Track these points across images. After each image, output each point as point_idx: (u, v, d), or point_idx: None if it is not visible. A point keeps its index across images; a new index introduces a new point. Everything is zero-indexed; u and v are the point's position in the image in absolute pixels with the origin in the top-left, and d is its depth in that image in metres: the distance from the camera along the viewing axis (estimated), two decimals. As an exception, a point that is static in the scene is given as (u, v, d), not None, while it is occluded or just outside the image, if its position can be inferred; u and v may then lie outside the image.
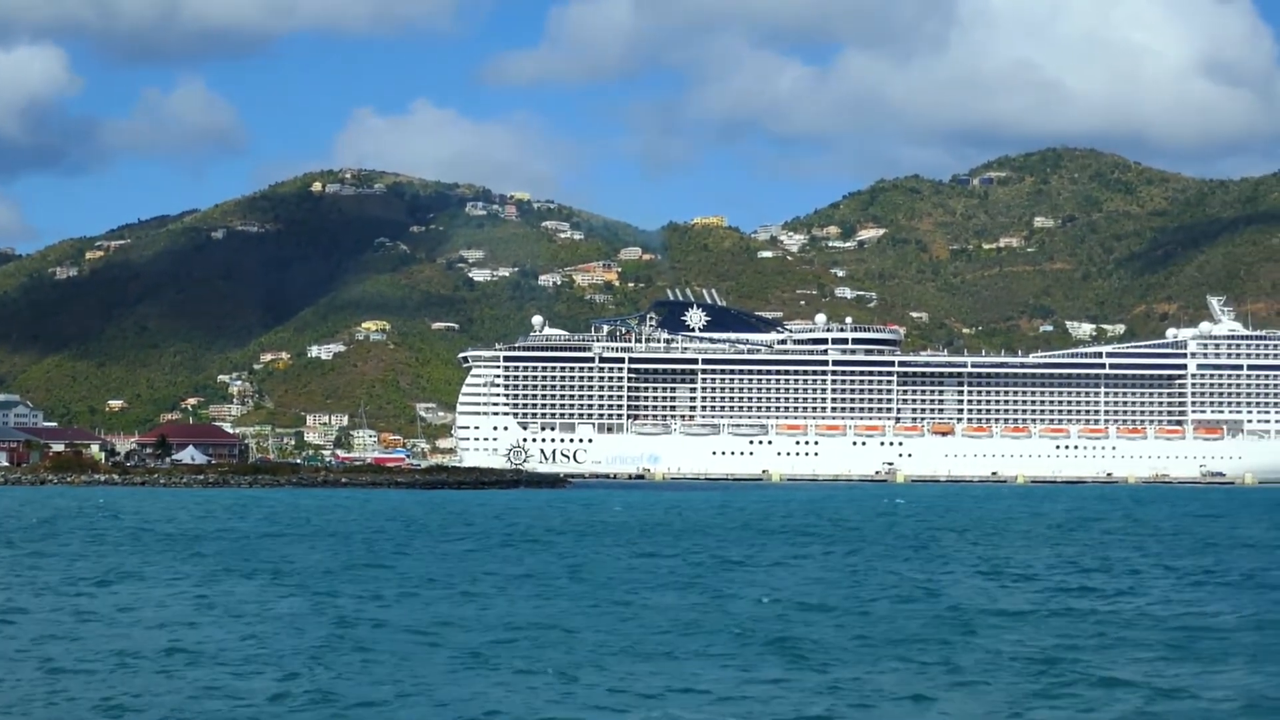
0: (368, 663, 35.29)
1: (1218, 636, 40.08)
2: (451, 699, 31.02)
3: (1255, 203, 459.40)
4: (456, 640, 38.65)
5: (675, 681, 32.70)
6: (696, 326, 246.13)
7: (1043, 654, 36.72)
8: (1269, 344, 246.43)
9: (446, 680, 33.01)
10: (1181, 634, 40.47)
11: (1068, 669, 34.70)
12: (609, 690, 31.83)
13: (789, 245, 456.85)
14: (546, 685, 32.45)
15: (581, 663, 35.02)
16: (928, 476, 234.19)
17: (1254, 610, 46.02)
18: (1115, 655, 36.75)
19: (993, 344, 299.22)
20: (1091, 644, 38.85)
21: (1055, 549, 74.95)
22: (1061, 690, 32.45)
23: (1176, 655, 36.88)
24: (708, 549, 73.12)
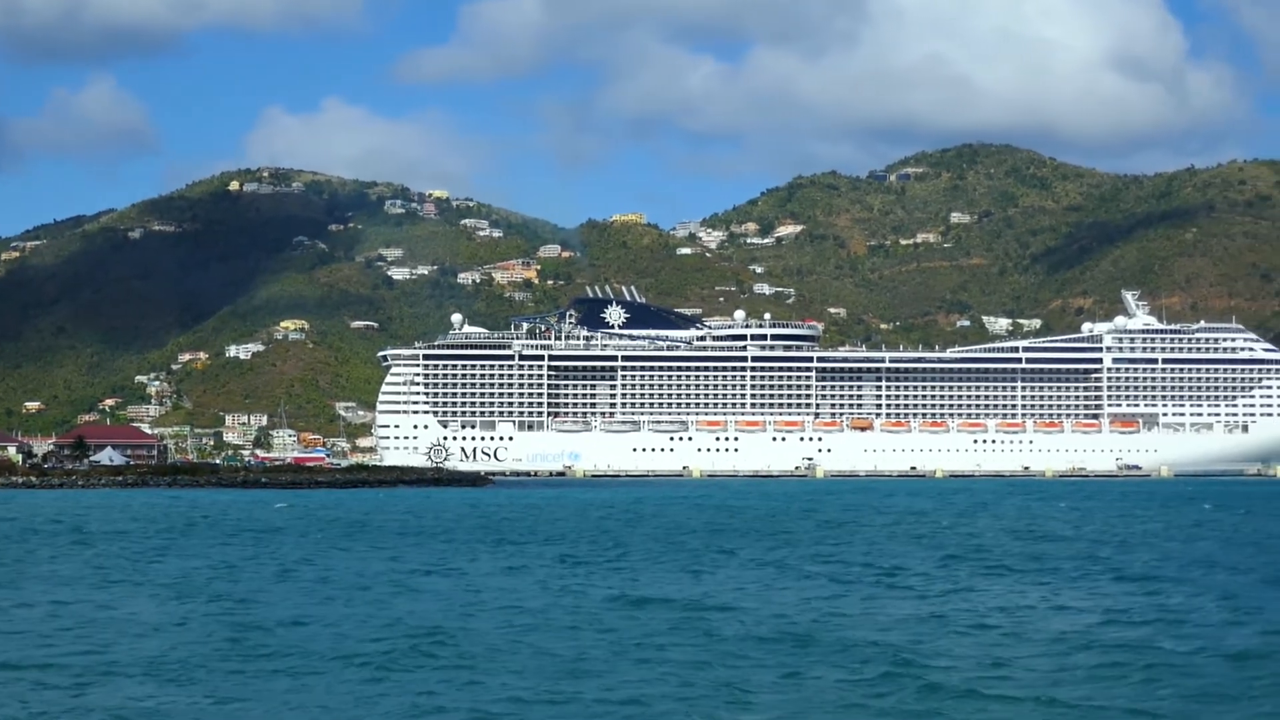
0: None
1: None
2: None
3: (1169, 198, 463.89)
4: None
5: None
6: (616, 324, 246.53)
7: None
8: (1183, 338, 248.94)
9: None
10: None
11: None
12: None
13: (708, 242, 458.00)
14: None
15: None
16: (847, 472, 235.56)
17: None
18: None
19: (910, 339, 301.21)
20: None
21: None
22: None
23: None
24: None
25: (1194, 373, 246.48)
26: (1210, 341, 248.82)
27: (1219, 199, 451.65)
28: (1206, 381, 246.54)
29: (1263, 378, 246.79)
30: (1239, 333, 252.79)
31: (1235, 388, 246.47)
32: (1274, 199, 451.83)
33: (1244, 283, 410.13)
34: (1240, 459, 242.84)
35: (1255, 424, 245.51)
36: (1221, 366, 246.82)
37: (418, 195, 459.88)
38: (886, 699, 31.38)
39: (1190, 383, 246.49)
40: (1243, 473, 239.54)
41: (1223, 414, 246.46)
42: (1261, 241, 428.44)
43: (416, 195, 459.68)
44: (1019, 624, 42.37)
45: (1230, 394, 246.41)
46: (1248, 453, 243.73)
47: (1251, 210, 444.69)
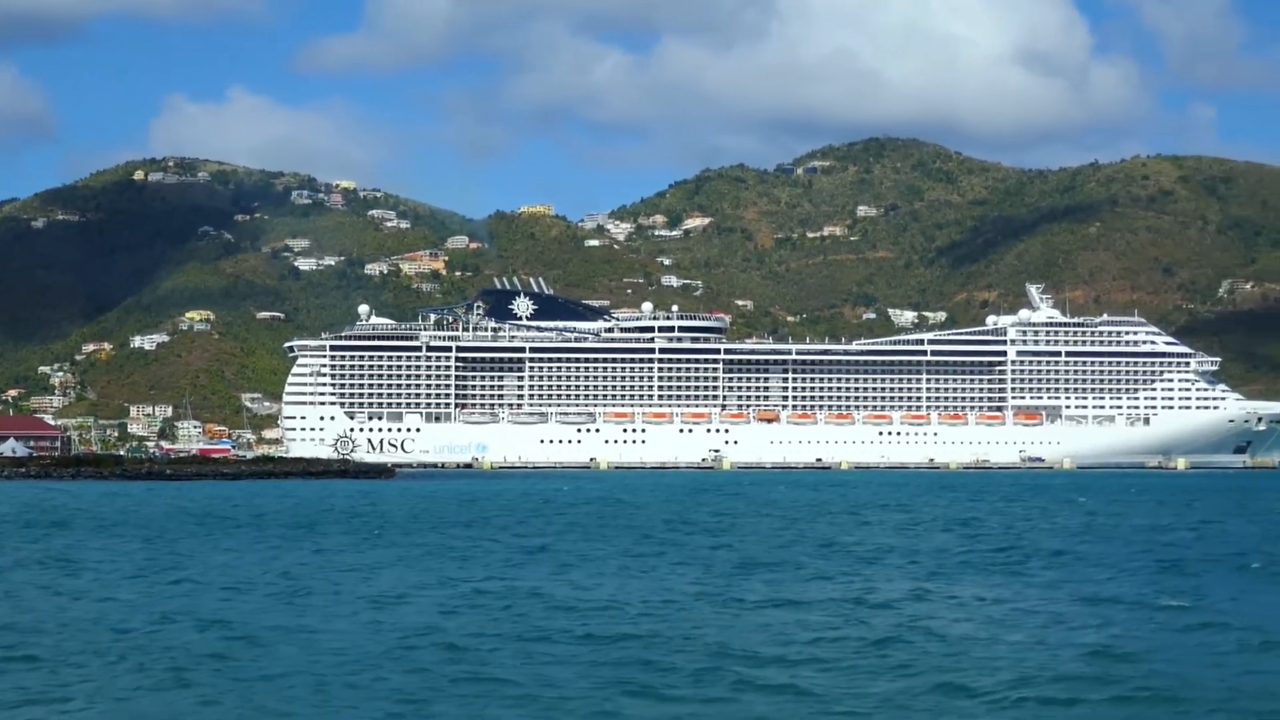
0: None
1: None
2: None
3: (1073, 192, 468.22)
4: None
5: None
6: (524, 315, 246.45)
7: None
8: (1086, 331, 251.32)
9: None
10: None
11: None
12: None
13: (616, 234, 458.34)
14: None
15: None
16: (753, 464, 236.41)
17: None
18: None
19: (817, 332, 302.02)
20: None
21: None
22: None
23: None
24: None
25: (1097, 366, 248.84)
26: (1113, 335, 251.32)
27: (1122, 194, 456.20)
28: (1109, 374, 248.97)
29: (1164, 371, 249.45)
30: (1141, 326, 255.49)
31: (1137, 381, 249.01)
32: (1176, 194, 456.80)
33: (1146, 277, 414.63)
34: (1142, 451, 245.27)
35: (1157, 416, 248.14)
36: (1124, 360, 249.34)
37: (324, 185, 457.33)
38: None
39: (1093, 376, 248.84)
40: (1144, 465, 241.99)
41: (1125, 407, 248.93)
42: (1163, 236, 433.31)
43: (323, 185, 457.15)
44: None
45: (1132, 387, 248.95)
46: (1149, 445, 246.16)
47: (1154, 205, 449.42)
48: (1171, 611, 43.34)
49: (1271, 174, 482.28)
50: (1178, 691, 31.05)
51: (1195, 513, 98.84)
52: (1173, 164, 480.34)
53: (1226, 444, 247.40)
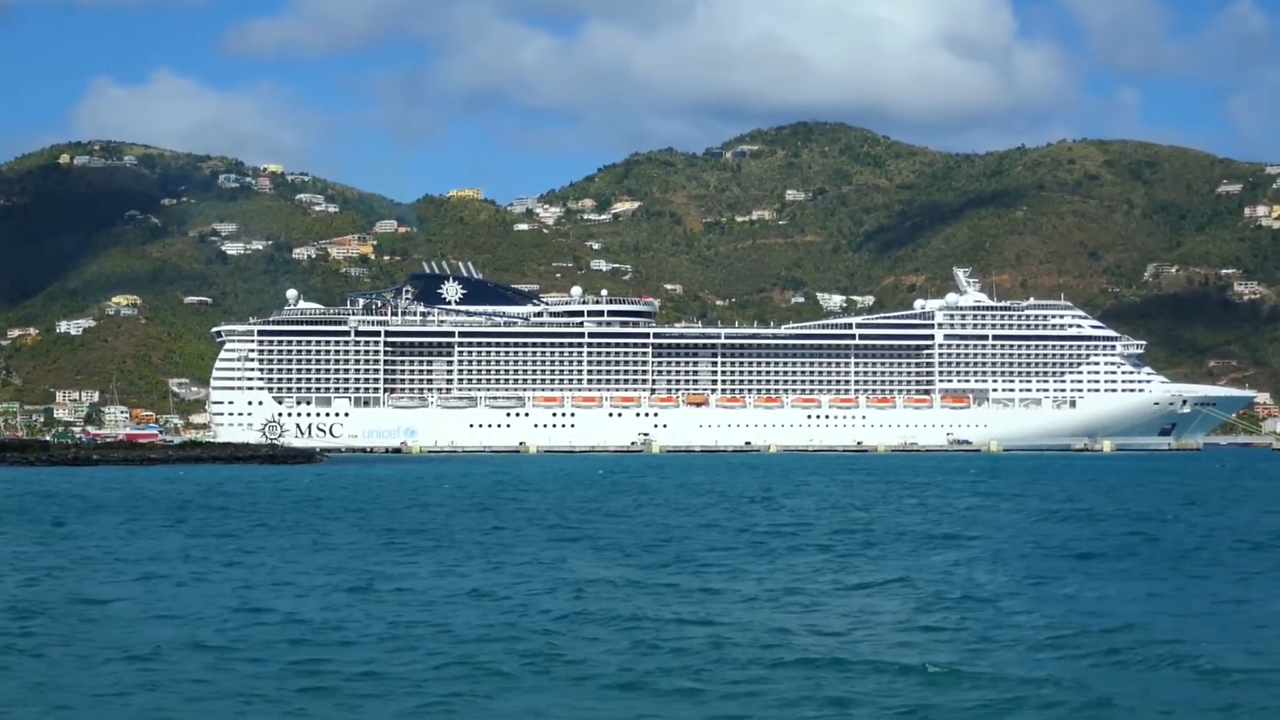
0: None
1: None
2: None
3: (1000, 177, 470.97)
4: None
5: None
6: (453, 299, 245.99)
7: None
8: (1013, 315, 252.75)
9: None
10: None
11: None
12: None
13: (545, 218, 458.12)
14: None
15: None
16: (682, 447, 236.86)
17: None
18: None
19: (745, 316, 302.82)
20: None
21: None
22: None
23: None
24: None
25: (1023, 349, 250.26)
26: (1039, 318, 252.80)
27: (1048, 178, 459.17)
28: (1035, 358, 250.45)
29: (1090, 354, 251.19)
30: (1067, 310, 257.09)
31: (1063, 364, 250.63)
32: (1102, 178, 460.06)
33: (1072, 261, 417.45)
34: (1068, 434, 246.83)
35: (1083, 399, 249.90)
36: (1050, 343, 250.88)
37: (252, 170, 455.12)
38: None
39: (1019, 359, 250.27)
40: (1070, 447, 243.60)
41: (1051, 390, 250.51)
42: (1089, 220, 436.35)
43: (251, 170, 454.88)
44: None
45: (1058, 370, 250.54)
46: (1075, 428, 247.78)
47: (1080, 189, 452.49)
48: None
49: (1196, 158, 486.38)
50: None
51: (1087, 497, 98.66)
52: (1098, 148, 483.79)
53: (1152, 426, 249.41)
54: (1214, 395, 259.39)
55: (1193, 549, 57.28)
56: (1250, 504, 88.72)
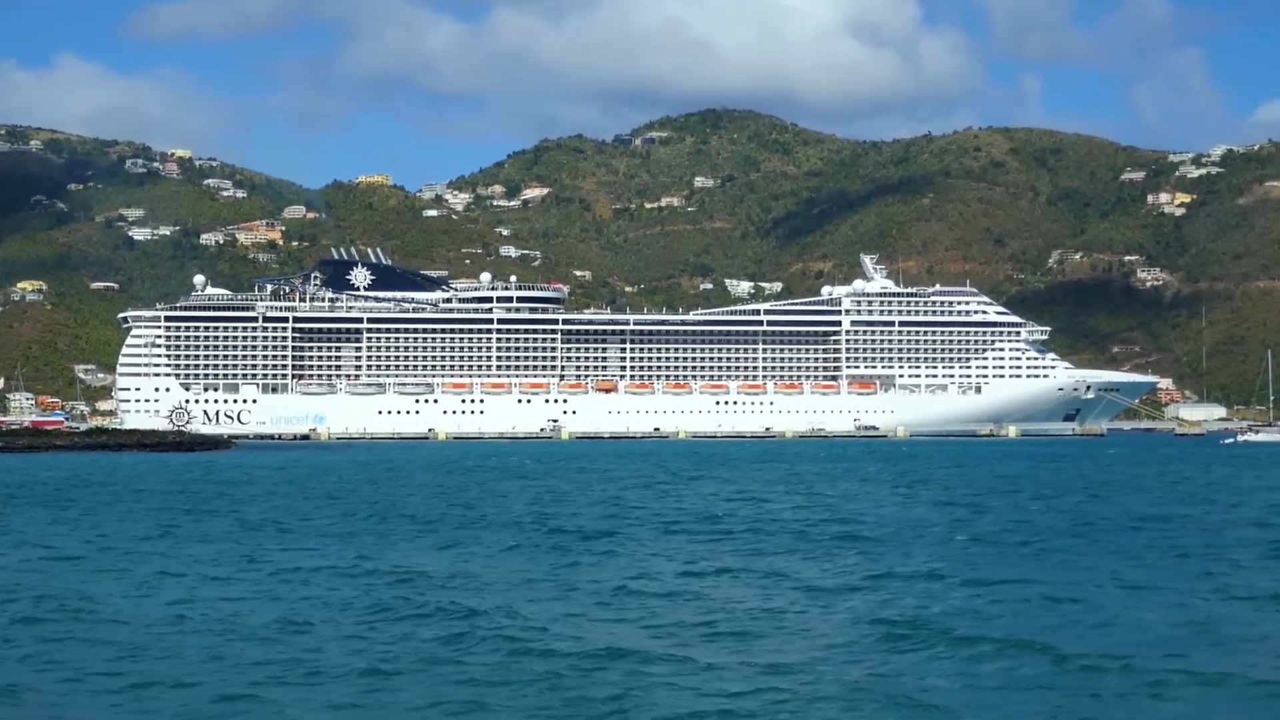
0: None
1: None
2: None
3: (907, 164, 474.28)
4: None
5: None
6: (362, 285, 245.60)
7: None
8: (919, 301, 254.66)
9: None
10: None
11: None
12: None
13: (454, 204, 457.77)
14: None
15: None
16: (591, 433, 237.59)
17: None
18: None
19: (654, 302, 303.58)
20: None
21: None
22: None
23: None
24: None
25: (929, 335, 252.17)
26: (945, 305, 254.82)
27: (954, 165, 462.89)
28: (941, 344, 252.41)
29: (995, 340, 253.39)
30: (973, 296, 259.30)
31: (969, 350, 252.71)
32: (1007, 165, 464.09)
33: (978, 247, 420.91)
34: (974, 419, 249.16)
35: (988, 385, 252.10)
36: (956, 329, 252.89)
37: (159, 154, 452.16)
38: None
39: (926, 345, 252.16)
40: (976, 433, 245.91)
41: (957, 376, 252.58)
42: (995, 207, 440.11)
43: (158, 155, 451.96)
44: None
45: (964, 356, 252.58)
46: (981, 413, 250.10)
47: (985, 176, 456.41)
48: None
49: (1100, 146, 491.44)
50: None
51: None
52: (1004, 136, 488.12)
53: (1056, 412, 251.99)
54: (1117, 381, 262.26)
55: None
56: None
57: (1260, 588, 39.65)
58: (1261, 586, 39.91)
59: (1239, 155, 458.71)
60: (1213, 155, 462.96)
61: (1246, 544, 51.62)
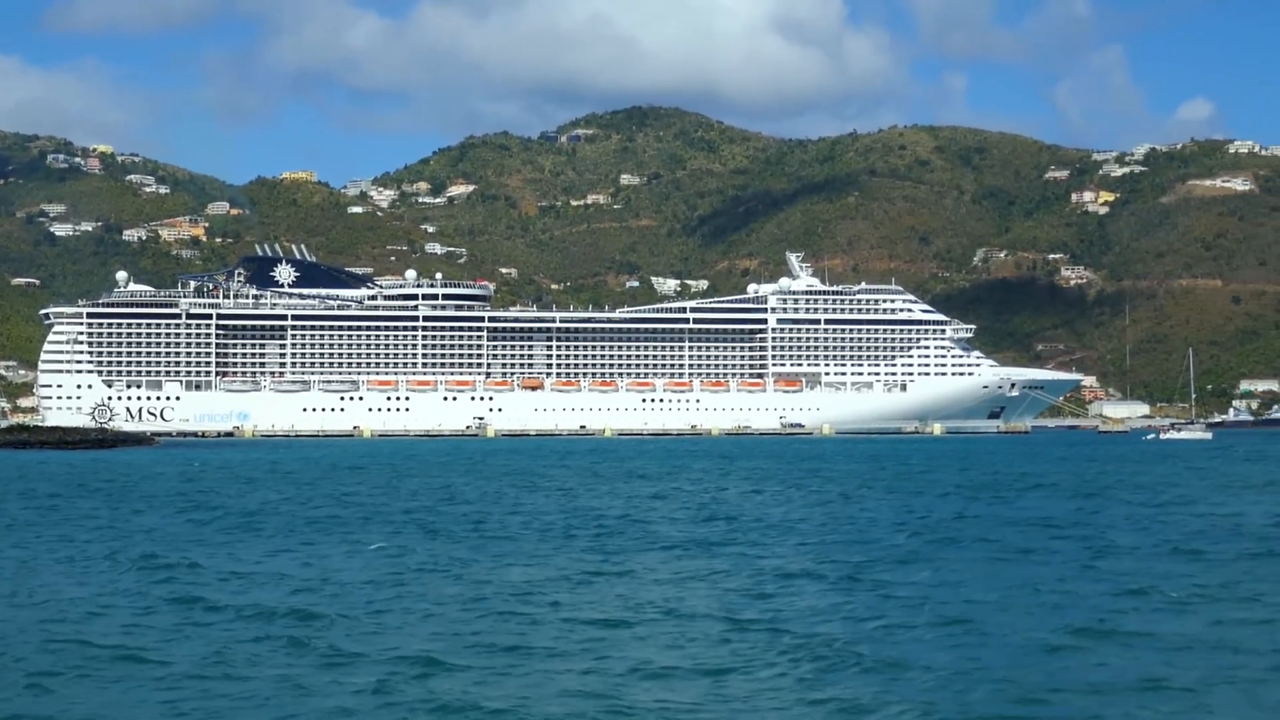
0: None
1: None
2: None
3: (832, 162, 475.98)
4: None
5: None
6: (286, 282, 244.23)
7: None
8: (844, 299, 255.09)
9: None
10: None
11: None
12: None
13: (379, 201, 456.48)
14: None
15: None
16: (518, 431, 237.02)
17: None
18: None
19: (580, 300, 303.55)
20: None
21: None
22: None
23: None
24: None
25: (855, 333, 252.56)
26: (870, 303, 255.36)
27: (880, 164, 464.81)
28: (867, 342, 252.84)
29: (920, 338, 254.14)
30: (898, 294, 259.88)
31: (894, 348, 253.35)
32: (932, 164, 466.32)
33: (903, 245, 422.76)
34: (899, 417, 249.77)
35: (913, 383, 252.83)
36: (881, 327, 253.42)
37: (81, 150, 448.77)
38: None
39: (851, 343, 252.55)
40: (901, 430, 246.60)
41: (882, 373, 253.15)
42: (920, 205, 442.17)
43: (80, 150, 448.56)
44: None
45: (890, 354, 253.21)
46: (906, 411, 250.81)
47: (910, 175, 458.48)
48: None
49: (1024, 144, 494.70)
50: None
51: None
52: (929, 134, 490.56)
53: (981, 409, 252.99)
54: (1041, 379, 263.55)
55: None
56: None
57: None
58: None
59: (1162, 154, 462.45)
60: (1136, 154, 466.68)
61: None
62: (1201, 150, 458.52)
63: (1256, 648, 30.47)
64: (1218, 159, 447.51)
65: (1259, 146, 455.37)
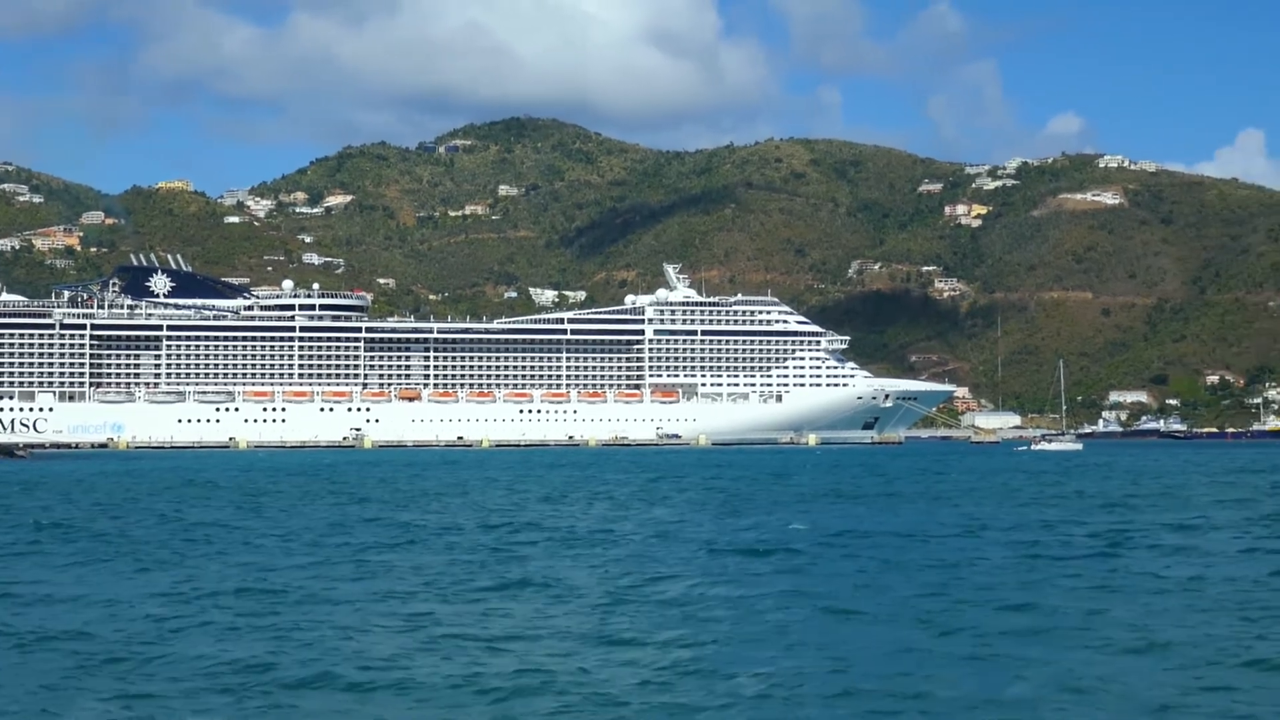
0: None
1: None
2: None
3: (709, 175, 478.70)
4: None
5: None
6: (162, 292, 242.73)
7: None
8: (721, 310, 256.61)
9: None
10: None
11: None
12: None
13: (256, 210, 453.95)
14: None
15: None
16: (394, 442, 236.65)
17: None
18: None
19: (458, 310, 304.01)
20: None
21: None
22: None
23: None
24: None
25: (731, 344, 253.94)
26: (747, 314, 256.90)
27: (756, 176, 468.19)
28: (743, 353, 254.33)
29: (796, 349, 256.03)
30: (774, 305, 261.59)
31: (770, 359, 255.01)
32: (808, 177, 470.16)
33: (779, 257, 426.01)
34: (775, 428, 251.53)
35: (789, 394, 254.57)
36: (757, 338, 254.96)
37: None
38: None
39: (728, 354, 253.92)
40: (776, 441, 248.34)
41: (758, 384, 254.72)
42: (795, 218, 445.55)
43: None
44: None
45: (765, 365, 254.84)
46: (781, 422, 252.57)
47: (786, 188, 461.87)
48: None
49: (898, 158, 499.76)
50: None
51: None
52: (804, 147, 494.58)
53: (856, 420, 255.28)
54: (915, 390, 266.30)
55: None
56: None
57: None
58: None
59: (1033, 168, 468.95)
60: (1008, 168, 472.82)
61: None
62: (1072, 164, 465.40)
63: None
64: (1088, 173, 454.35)
65: (1128, 161, 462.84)
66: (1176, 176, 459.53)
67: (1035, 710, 26.37)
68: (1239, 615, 36.07)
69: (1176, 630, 33.62)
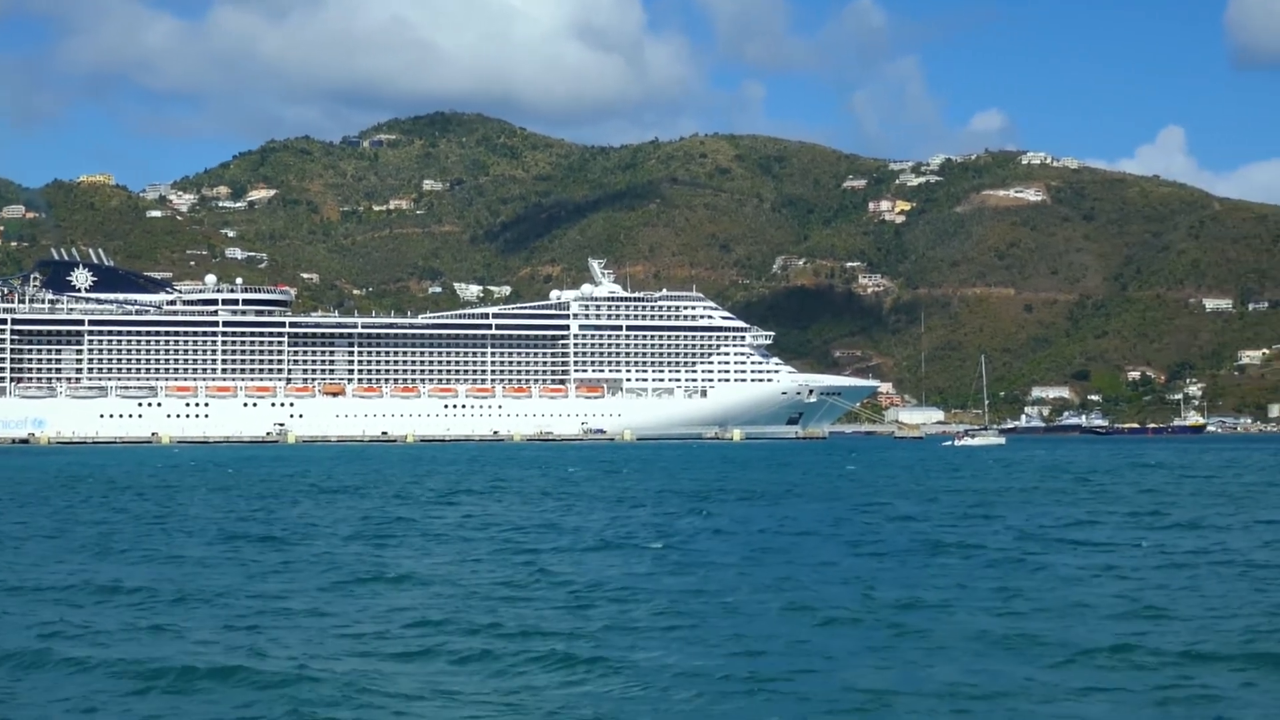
0: None
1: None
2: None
3: (634, 170, 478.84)
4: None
5: None
6: (83, 287, 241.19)
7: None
8: (646, 305, 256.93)
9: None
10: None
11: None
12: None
13: (179, 205, 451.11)
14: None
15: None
16: (319, 437, 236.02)
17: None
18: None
19: (383, 305, 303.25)
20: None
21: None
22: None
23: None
24: None
25: (656, 339, 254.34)
26: (672, 309, 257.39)
27: (681, 171, 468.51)
28: (668, 348, 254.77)
29: (721, 345, 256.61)
30: (699, 301, 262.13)
31: (695, 354, 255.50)
32: (733, 172, 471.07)
33: (704, 253, 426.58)
34: (700, 423, 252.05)
35: (714, 389, 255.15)
36: (682, 334, 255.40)
37: None
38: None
39: (652, 349, 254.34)
40: (701, 436, 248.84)
41: (683, 379, 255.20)
42: (720, 213, 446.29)
43: None
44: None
45: (690, 360, 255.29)
46: (706, 417, 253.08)
47: (711, 183, 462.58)
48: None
49: (823, 154, 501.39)
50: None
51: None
52: (729, 143, 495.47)
53: (780, 415, 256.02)
54: (839, 385, 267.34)
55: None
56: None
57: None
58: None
59: (956, 164, 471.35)
60: (931, 164, 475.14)
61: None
62: (995, 161, 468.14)
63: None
64: (1011, 170, 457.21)
65: (1051, 158, 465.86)
66: (1098, 173, 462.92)
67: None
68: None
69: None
